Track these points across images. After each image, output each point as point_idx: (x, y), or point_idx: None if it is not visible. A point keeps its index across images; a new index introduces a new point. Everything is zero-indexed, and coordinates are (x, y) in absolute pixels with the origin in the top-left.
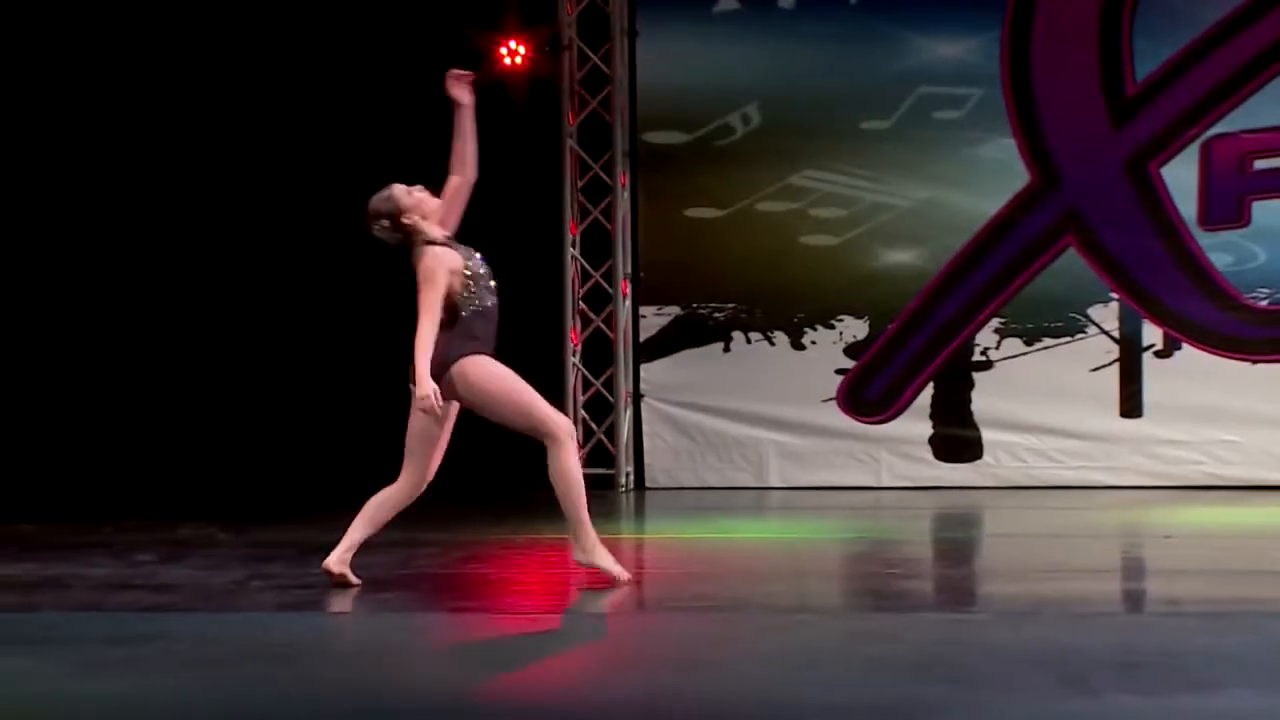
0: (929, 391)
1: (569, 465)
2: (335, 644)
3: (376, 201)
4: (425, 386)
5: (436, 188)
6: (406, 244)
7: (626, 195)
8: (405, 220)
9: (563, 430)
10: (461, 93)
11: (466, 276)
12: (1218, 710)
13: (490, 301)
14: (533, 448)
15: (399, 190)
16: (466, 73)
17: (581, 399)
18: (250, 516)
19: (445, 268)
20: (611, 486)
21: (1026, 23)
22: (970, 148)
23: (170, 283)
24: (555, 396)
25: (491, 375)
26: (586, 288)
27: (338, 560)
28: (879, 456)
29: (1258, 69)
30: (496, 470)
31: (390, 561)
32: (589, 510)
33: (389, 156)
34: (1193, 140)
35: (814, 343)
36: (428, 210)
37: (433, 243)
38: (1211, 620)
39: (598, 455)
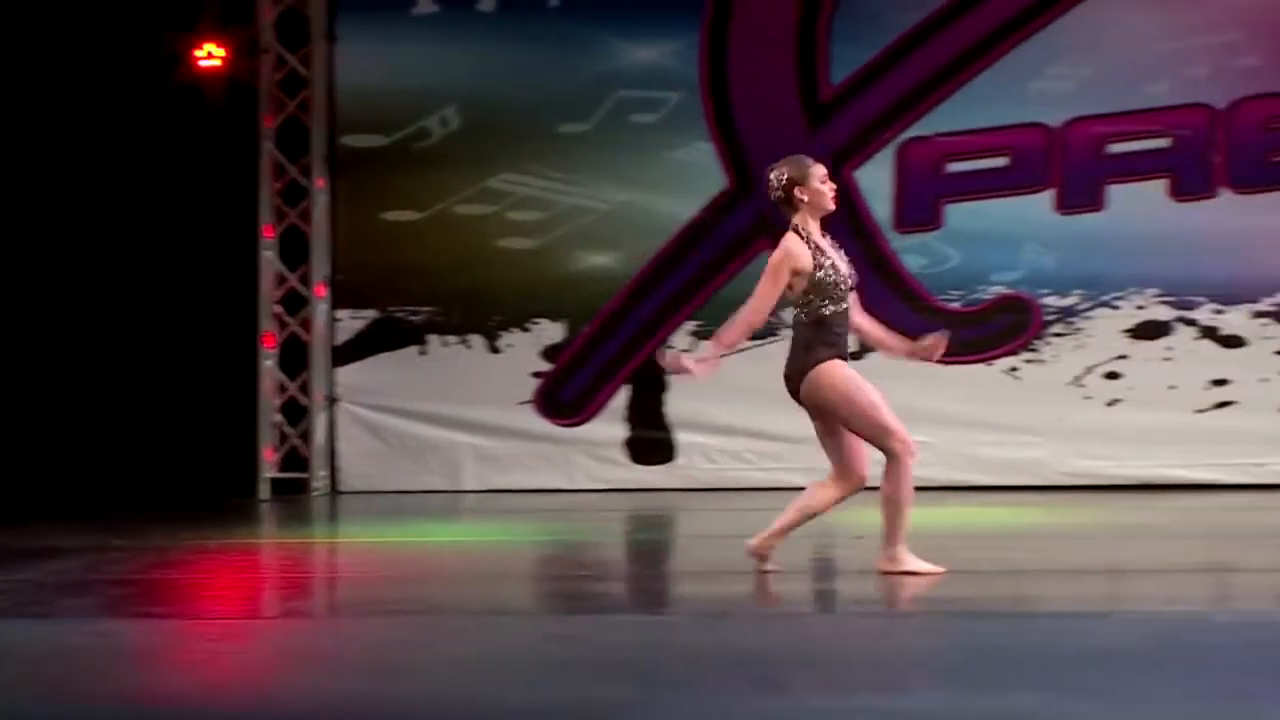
0: (624, 394)
1: (904, 482)
2: (24, 650)
3: (799, 160)
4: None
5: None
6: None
7: (324, 198)
8: (799, 193)
9: (906, 448)
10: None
11: (819, 278)
12: (905, 709)
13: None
14: (231, 453)
15: (818, 169)
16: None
17: (276, 403)
18: None
19: (791, 265)
20: (305, 491)
21: (724, 27)
22: (668, 151)
23: None
24: (249, 400)
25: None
26: (283, 291)
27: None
28: (573, 459)
29: (952, 73)
30: (192, 475)
31: (80, 566)
32: None
33: (87, 156)
34: (887, 143)
35: (510, 346)
36: (822, 206)
37: (798, 232)
38: (900, 620)
39: (292, 460)
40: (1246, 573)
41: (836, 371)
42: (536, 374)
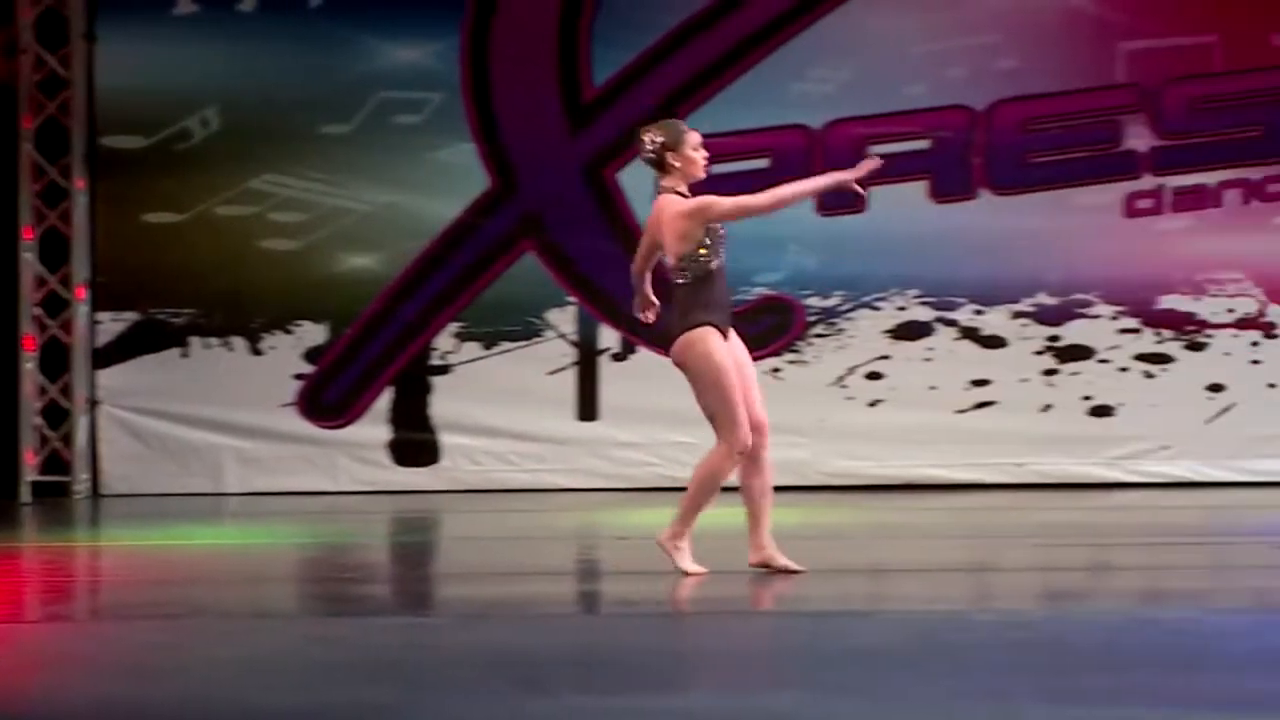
0: (388, 396)
1: (719, 476)
2: None
3: (674, 124)
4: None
5: None
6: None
7: (84, 199)
8: (671, 158)
9: (741, 448)
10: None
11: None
12: (675, 710)
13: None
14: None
15: (693, 135)
16: None
17: (37, 406)
18: None
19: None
20: (67, 494)
21: (485, 29)
22: (430, 152)
23: None
24: (9, 404)
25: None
26: (43, 293)
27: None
28: (337, 461)
29: (714, 74)
30: None
31: None
32: None
33: None
34: None
35: (273, 348)
36: (692, 174)
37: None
38: (667, 621)
39: (53, 463)
40: (1006, 572)
41: (712, 342)
42: (299, 376)
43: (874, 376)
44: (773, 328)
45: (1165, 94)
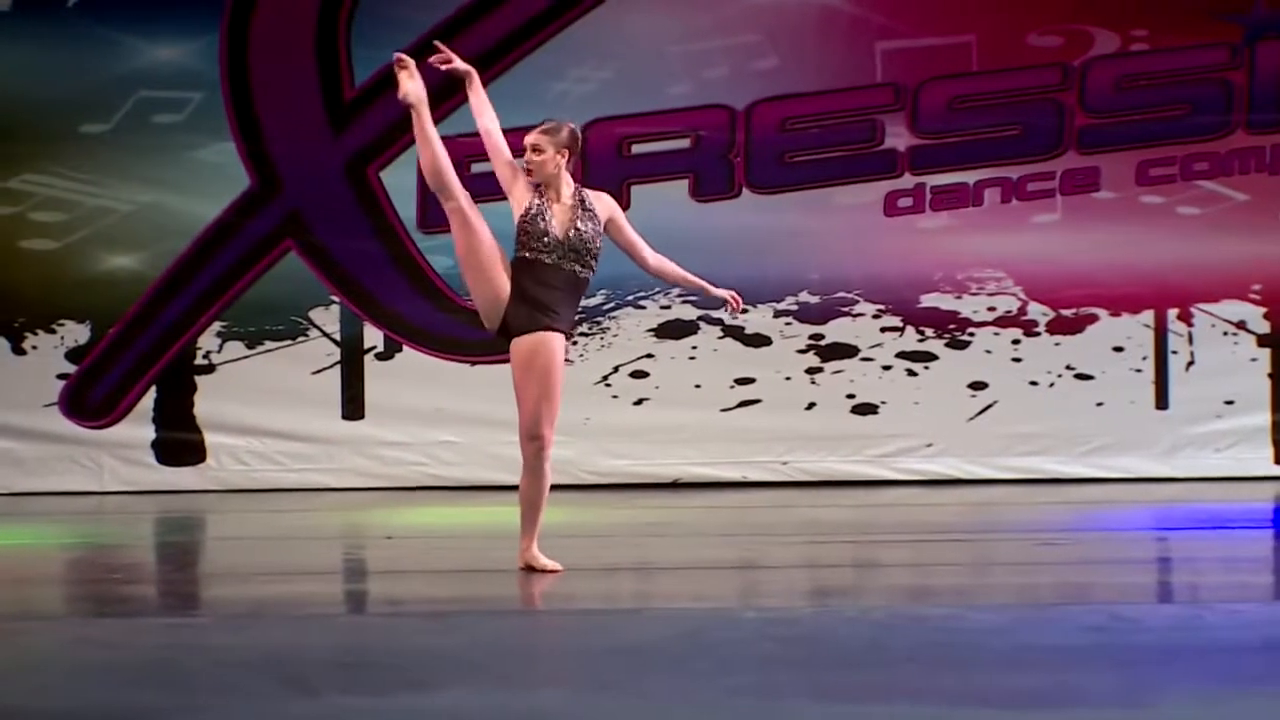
0: (152, 395)
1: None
2: None
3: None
4: None
5: None
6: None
7: None
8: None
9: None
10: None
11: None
12: (438, 709)
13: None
14: None
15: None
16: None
17: None
18: None
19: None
20: None
21: (244, 28)
22: (191, 151)
23: None
24: None
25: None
26: None
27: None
28: (101, 461)
29: None
30: None
31: None
32: None
33: None
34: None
35: (35, 348)
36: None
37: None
38: (432, 620)
39: None
40: (772, 570)
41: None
42: (62, 376)
43: (639, 375)
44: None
45: (923, 93)
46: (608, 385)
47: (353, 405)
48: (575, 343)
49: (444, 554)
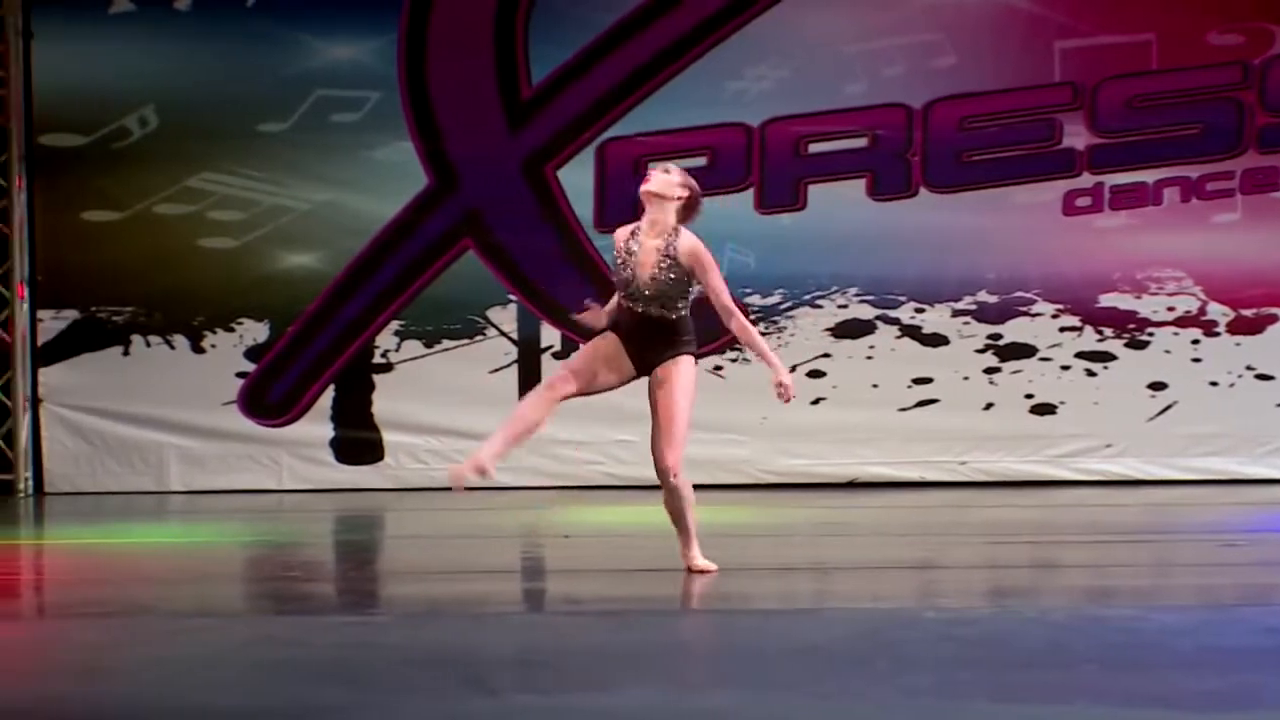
0: (330, 394)
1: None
2: None
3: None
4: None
5: None
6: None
7: (23, 198)
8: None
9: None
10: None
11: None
12: (616, 708)
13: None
14: None
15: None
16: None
17: None
18: None
19: None
20: (11, 492)
21: (422, 27)
22: (369, 150)
23: None
24: None
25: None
26: None
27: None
28: (280, 459)
29: (652, 73)
30: None
31: None
32: None
33: None
34: (588, 143)
35: (214, 346)
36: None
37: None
38: (610, 619)
39: None
40: (949, 570)
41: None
42: (241, 374)
43: (816, 374)
44: (714, 326)
45: (1102, 92)
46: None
47: None
48: None
49: (622, 553)
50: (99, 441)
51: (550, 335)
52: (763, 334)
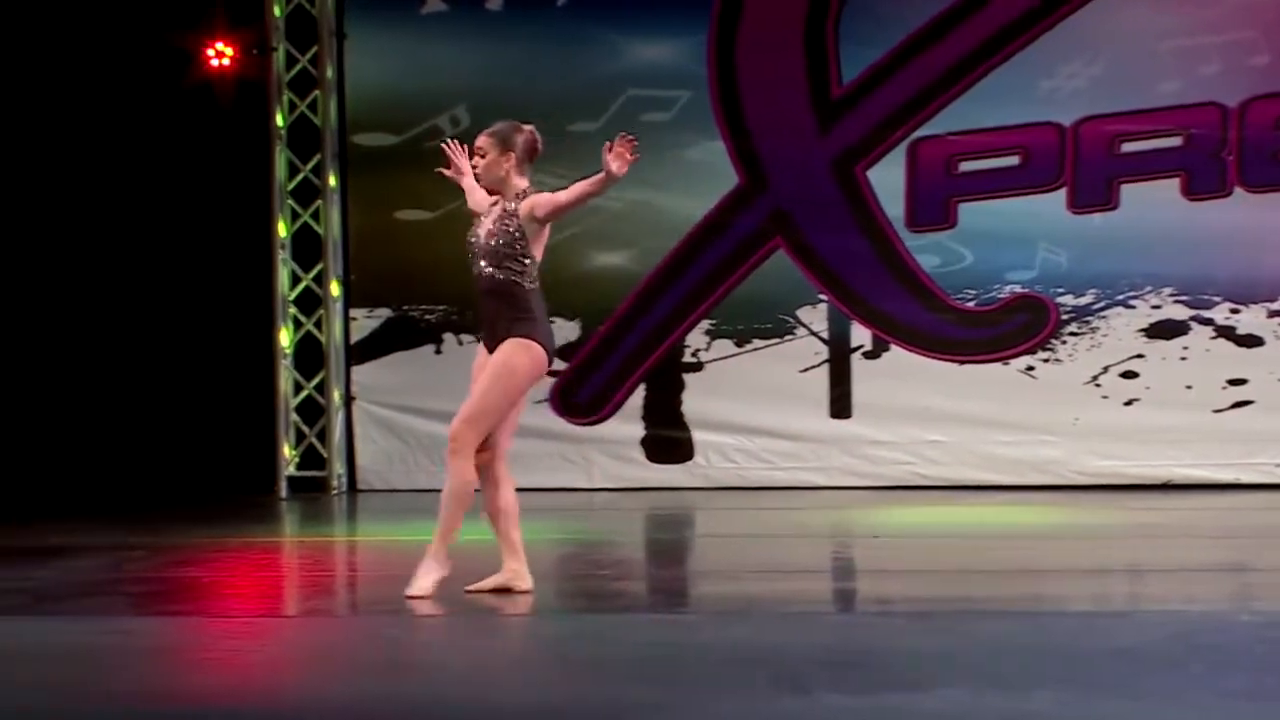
0: (640, 393)
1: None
2: (43, 648)
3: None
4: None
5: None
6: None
7: (336, 197)
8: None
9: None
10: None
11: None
12: (927, 710)
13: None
14: (249, 452)
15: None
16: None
17: (293, 402)
18: None
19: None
20: (324, 490)
21: (733, 26)
22: (679, 150)
23: None
24: (266, 400)
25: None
26: (297, 291)
27: None
28: (591, 458)
29: (963, 71)
30: (211, 474)
31: (101, 566)
32: None
33: (100, 157)
34: (899, 142)
35: None
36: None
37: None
38: (920, 620)
39: (310, 458)
40: (1265, 572)
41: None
42: (552, 373)
43: (1129, 375)
44: (1025, 326)
45: None
46: (1097, 385)
47: (840, 404)
48: (1064, 342)
49: (933, 554)
50: (411, 439)
51: (860, 335)
52: (1073, 334)
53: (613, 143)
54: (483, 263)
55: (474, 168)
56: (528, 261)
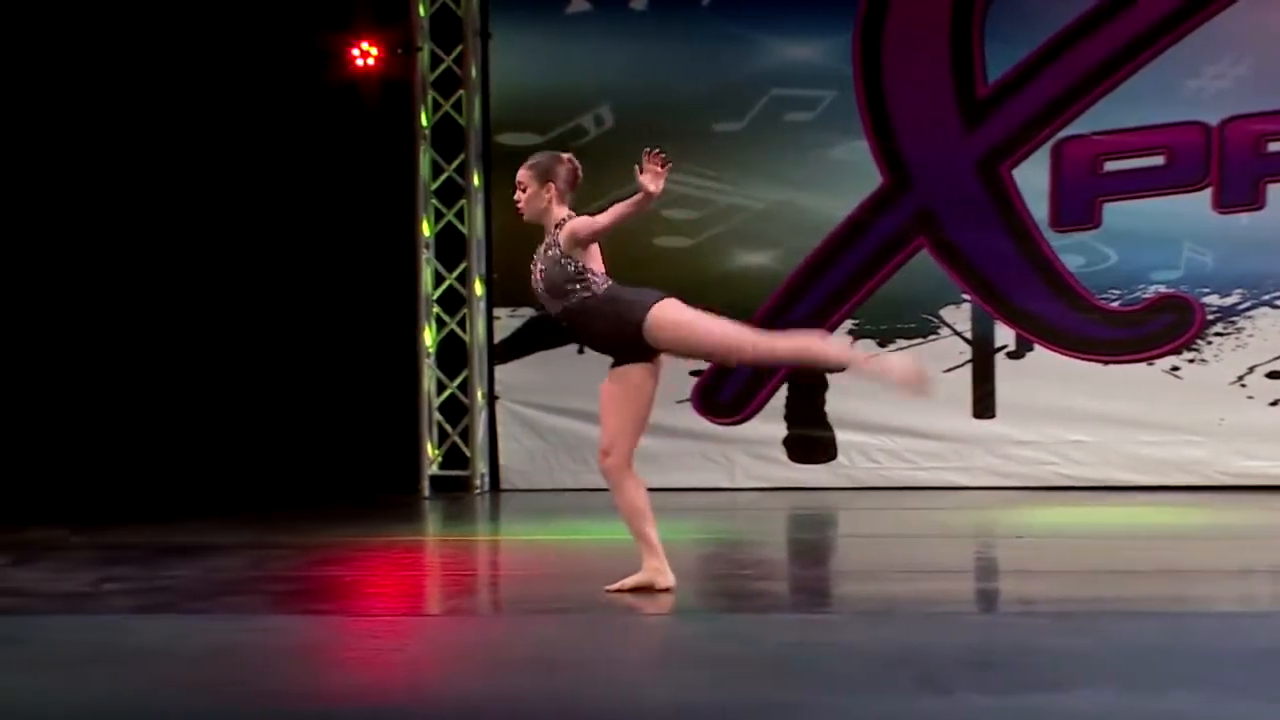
0: (783, 393)
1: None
2: (187, 647)
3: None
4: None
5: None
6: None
7: (480, 197)
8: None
9: None
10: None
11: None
12: (1069, 710)
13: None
14: (392, 451)
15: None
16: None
17: (436, 401)
18: (99, 519)
19: None
20: (467, 489)
21: (878, 25)
22: (822, 149)
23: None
24: (410, 400)
25: None
26: (441, 290)
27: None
28: (733, 457)
29: (1108, 71)
30: (354, 473)
31: (242, 564)
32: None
33: (245, 157)
34: (1044, 142)
35: None
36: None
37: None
38: (1063, 620)
39: (453, 457)
40: None
41: None
42: (695, 372)
43: (1275, 375)
44: (1170, 326)
45: None
46: (1243, 385)
47: (984, 403)
48: (1210, 342)
49: (1076, 554)
50: (554, 438)
51: (1004, 335)
52: (1219, 334)
53: (640, 163)
54: (550, 300)
55: (516, 203)
56: (588, 276)
